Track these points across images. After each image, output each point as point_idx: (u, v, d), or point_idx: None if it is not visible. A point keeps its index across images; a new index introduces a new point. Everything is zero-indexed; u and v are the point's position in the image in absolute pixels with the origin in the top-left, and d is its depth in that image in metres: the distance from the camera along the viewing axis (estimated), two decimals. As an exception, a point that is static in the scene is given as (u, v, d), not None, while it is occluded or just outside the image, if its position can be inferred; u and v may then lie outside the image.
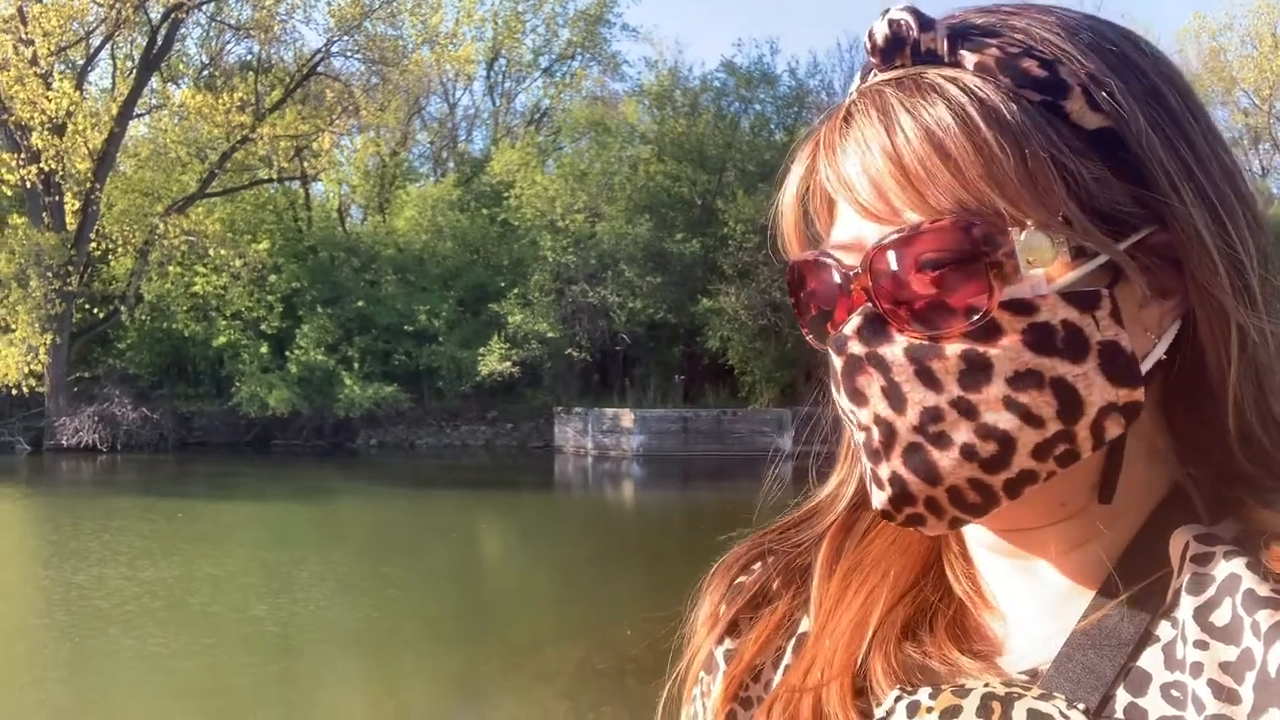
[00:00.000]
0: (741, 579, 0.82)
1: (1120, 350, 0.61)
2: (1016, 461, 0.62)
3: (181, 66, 34.67)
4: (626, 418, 28.34)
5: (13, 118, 27.91)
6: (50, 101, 27.86)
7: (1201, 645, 0.59)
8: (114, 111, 29.86)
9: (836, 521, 0.78)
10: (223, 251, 29.47)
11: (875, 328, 0.63)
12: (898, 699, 0.66)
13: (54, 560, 13.91)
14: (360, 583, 12.49)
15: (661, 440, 27.77)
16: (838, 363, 0.65)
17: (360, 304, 30.57)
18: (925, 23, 0.64)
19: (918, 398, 0.62)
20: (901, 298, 0.62)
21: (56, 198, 29.37)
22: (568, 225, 31.09)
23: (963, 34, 0.65)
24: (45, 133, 27.94)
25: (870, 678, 0.70)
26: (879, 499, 0.64)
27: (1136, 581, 0.64)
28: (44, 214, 28.96)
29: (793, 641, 0.77)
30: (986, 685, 0.65)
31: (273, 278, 30.63)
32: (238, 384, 29.55)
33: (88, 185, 28.97)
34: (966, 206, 0.60)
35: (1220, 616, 0.59)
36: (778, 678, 0.76)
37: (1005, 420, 0.61)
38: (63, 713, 7.69)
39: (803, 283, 0.70)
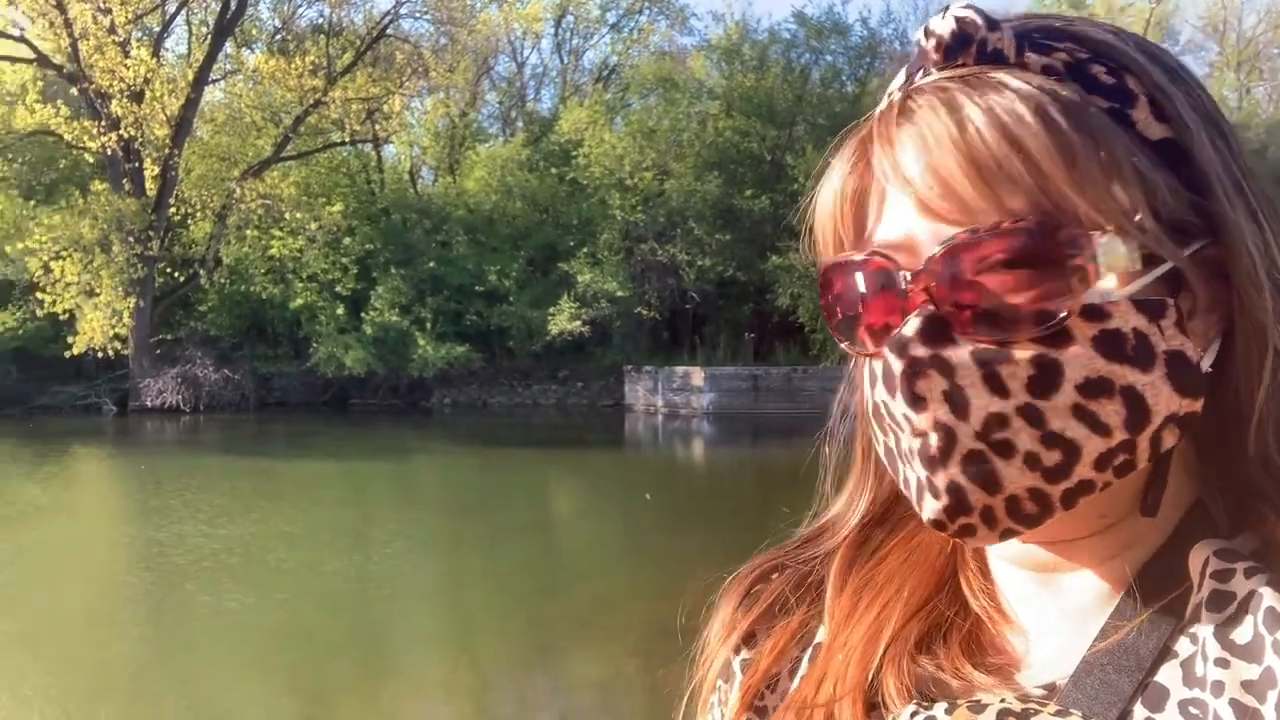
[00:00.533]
0: (758, 588, 0.82)
1: (1186, 360, 0.61)
2: (1078, 471, 0.60)
3: (254, 31, 35.10)
4: (696, 376, 28.26)
5: (93, 86, 28.49)
6: (128, 69, 28.38)
7: (1223, 663, 0.58)
8: (190, 78, 30.32)
9: (849, 538, 0.78)
10: (298, 215, 29.91)
11: (937, 330, 0.61)
12: (913, 715, 0.65)
13: (137, 518, 14.35)
14: (434, 539, 12.68)
15: (731, 398, 27.68)
16: (897, 365, 0.61)
17: (432, 265, 30.83)
18: (991, 22, 0.63)
19: (982, 403, 0.59)
20: (968, 300, 0.60)
21: (136, 164, 29.98)
22: (636, 183, 30.96)
23: (1028, 37, 0.63)
24: (124, 100, 28.50)
25: (883, 693, 0.69)
26: (932, 508, 0.62)
27: (1157, 596, 0.64)
28: (125, 180, 29.59)
29: (809, 651, 0.77)
30: (1003, 701, 0.64)
31: (347, 240, 31.04)
32: (315, 345, 30.07)
33: (166, 151, 29.51)
34: (1045, 208, 0.59)
35: (1242, 634, 0.59)
36: (793, 687, 0.76)
37: (1073, 428, 0.59)
38: (142, 667, 7.89)
39: (836, 283, 0.68)
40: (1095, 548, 0.66)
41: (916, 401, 0.60)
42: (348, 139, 33.31)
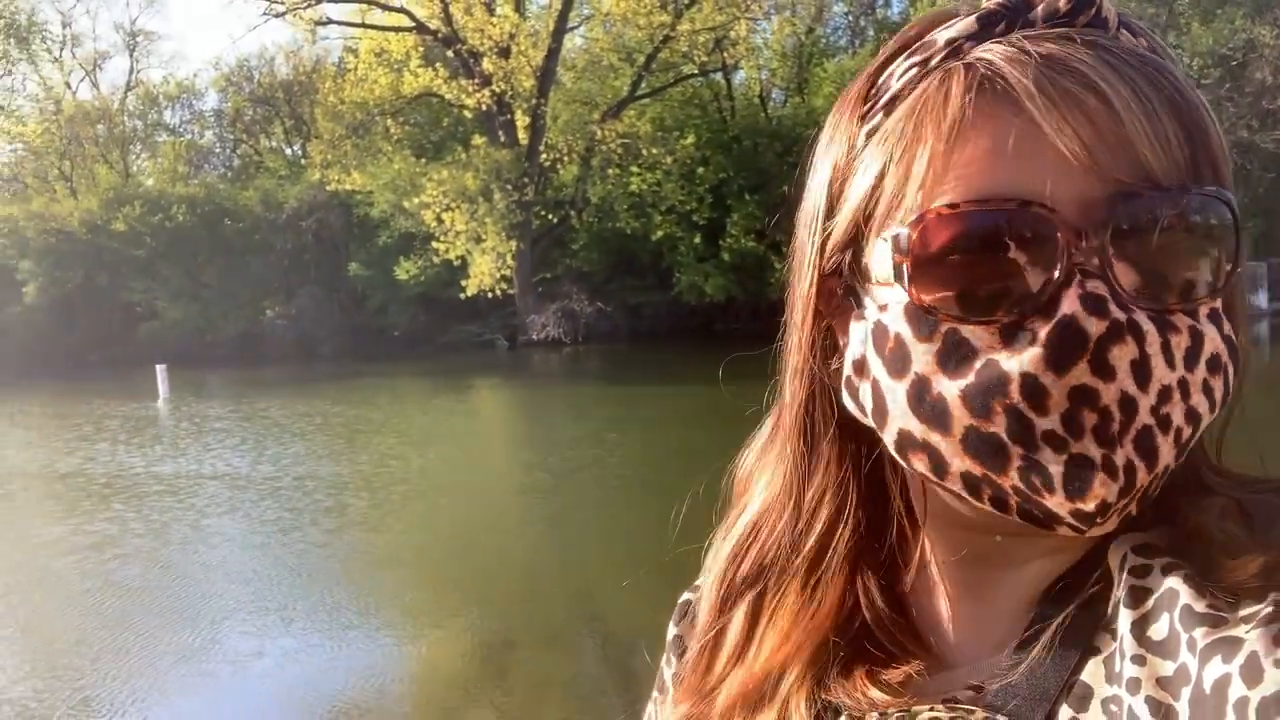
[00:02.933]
0: (688, 596, 0.85)
1: (1236, 347, 0.61)
2: (1185, 451, 0.59)
3: (605, -25, 36.37)
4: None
5: (465, 46, 30.85)
6: (495, 26, 30.47)
7: (1139, 660, 0.57)
8: (550, 28, 32.05)
9: (792, 569, 0.73)
10: (654, 150, 30.97)
11: (1115, 293, 0.56)
12: None
13: (534, 441, 15.73)
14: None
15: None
16: (1093, 328, 0.55)
17: (785, 189, 30.78)
18: None
19: (1160, 374, 0.56)
20: (1146, 262, 0.57)
21: (508, 116, 32.22)
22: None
23: (1118, 14, 0.62)
24: (493, 57, 30.64)
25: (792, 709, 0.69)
26: (1106, 491, 0.56)
27: (1079, 591, 0.62)
28: (499, 133, 31.94)
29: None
30: (931, 710, 0.63)
31: (701, 170, 31.76)
32: (677, 275, 31.24)
33: (534, 101, 31.49)
34: (1217, 178, 0.59)
35: (1158, 631, 0.57)
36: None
37: (1203, 405, 0.58)
38: (541, 553, 8.97)
39: (945, 234, 0.58)
40: (1043, 541, 0.63)
41: (1105, 370, 0.55)
42: (698, 70, 33.91)
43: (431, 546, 9.64)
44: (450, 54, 32.19)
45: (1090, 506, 0.56)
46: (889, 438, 0.63)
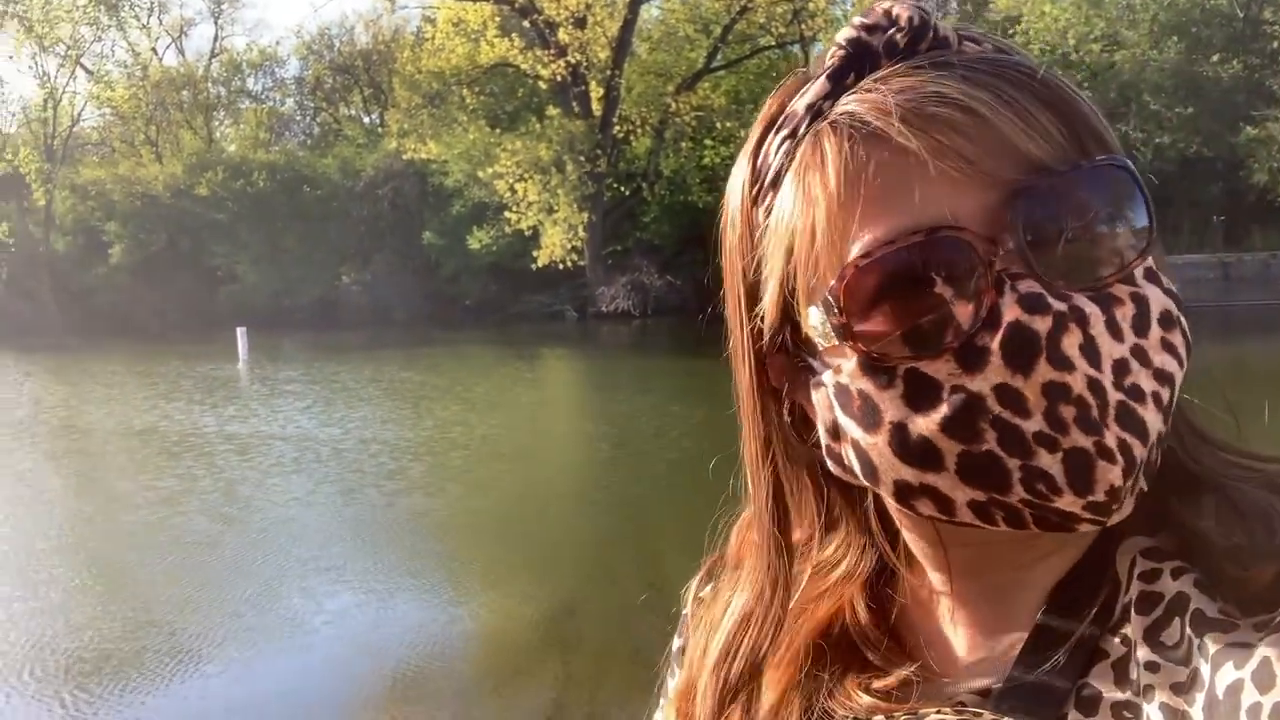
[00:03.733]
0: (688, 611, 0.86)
1: (1178, 297, 0.61)
2: (1170, 413, 0.59)
3: (683, -55, 36.05)
4: (1154, 266, 25.78)
5: (541, 16, 30.83)
6: (572, -3, 30.39)
7: (1153, 667, 0.57)
8: (626, -1, 31.91)
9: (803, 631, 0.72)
10: (728, 123, 30.71)
11: (1048, 286, 0.57)
12: None
13: (591, 414, 15.75)
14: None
15: (1196, 289, 25.04)
16: (1043, 327, 0.55)
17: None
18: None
19: (1108, 350, 0.56)
20: (1072, 247, 0.58)
21: (582, 88, 32.19)
22: (1082, 58, 28.49)
23: (954, 28, 0.64)
24: (569, 27, 30.58)
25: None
26: (1112, 475, 0.55)
27: (1088, 595, 0.62)
28: (573, 104, 31.91)
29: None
30: (938, 713, 0.63)
31: (776, 144, 31.38)
32: (747, 250, 30.96)
33: (608, 72, 31.40)
34: (1104, 147, 0.61)
35: (1170, 636, 0.57)
36: None
37: (1169, 363, 0.58)
38: (602, 523, 8.97)
39: (872, 280, 0.58)
40: (1042, 544, 0.62)
41: (1063, 363, 0.55)
42: (775, 42, 33.51)
43: (492, 512, 9.69)
44: (526, 24, 32.22)
45: (1101, 496, 0.56)
46: (886, 491, 0.62)
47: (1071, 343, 0.55)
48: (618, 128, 32.24)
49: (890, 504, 0.66)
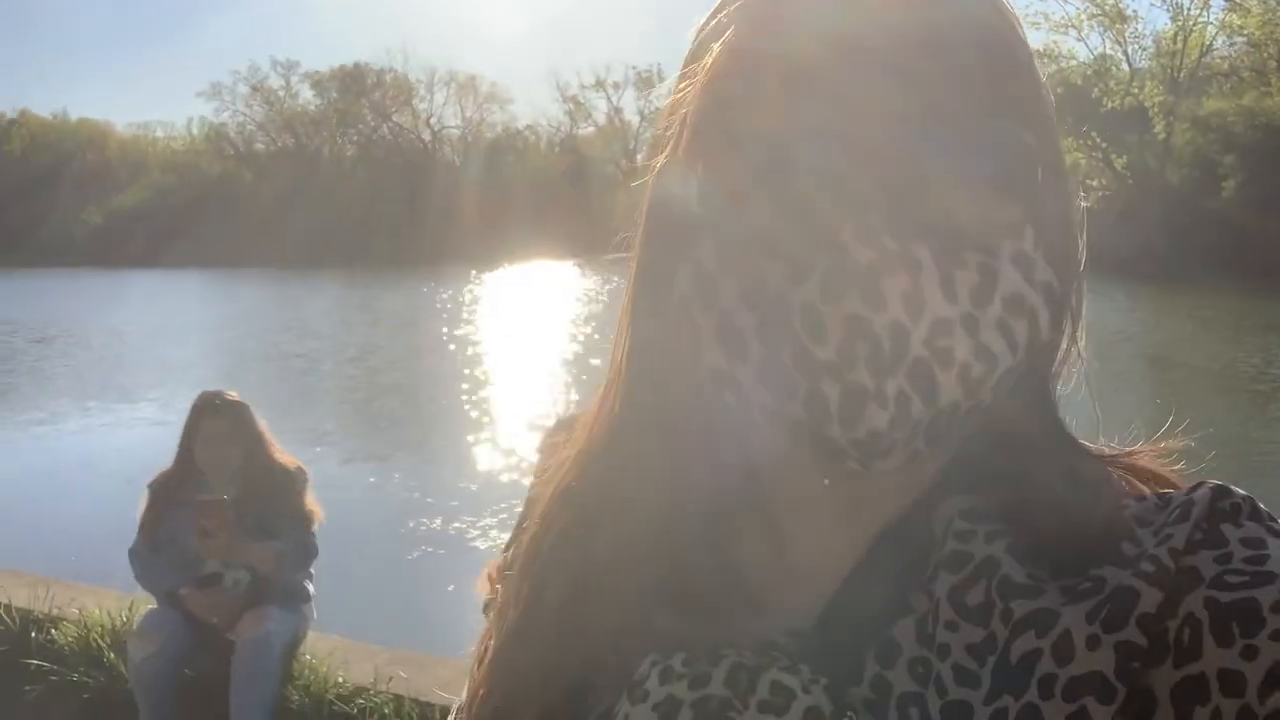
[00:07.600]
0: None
1: (1055, 291, 0.59)
2: (981, 390, 0.56)
3: None
4: None
5: None
6: None
7: (952, 626, 0.56)
8: None
9: None
10: None
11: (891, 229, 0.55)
12: (653, 664, 0.61)
13: None
14: None
15: None
16: (864, 257, 0.54)
17: None
18: None
19: (935, 307, 0.54)
20: (933, 209, 0.56)
21: None
22: None
23: None
24: None
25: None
26: (878, 419, 0.54)
27: (903, 548, 0.61)
28: None
29: None
30: (739, 654, 0.60)
31: None
32: None
33: None
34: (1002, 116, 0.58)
35: (973, 597, 0.56)
36: None
37: (997, 344, 0.56)
38: None
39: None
40: (884, 488, 0.61)
41: (875, 301, 0.53)
42: None
43: None
44: None
45: (861, 434, 0.55)
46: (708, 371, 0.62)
47: (894, 286, 0.53)
48: None
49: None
